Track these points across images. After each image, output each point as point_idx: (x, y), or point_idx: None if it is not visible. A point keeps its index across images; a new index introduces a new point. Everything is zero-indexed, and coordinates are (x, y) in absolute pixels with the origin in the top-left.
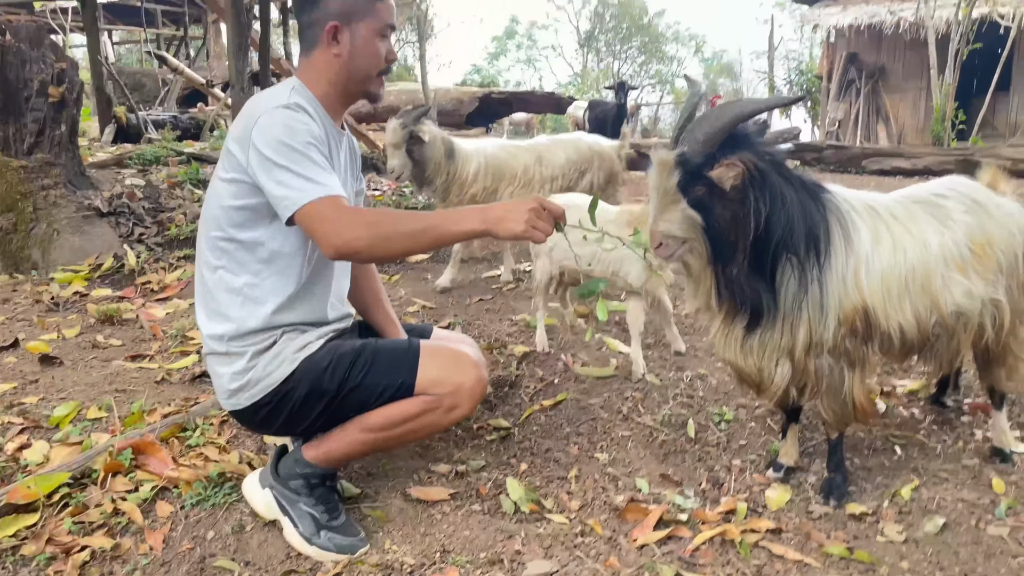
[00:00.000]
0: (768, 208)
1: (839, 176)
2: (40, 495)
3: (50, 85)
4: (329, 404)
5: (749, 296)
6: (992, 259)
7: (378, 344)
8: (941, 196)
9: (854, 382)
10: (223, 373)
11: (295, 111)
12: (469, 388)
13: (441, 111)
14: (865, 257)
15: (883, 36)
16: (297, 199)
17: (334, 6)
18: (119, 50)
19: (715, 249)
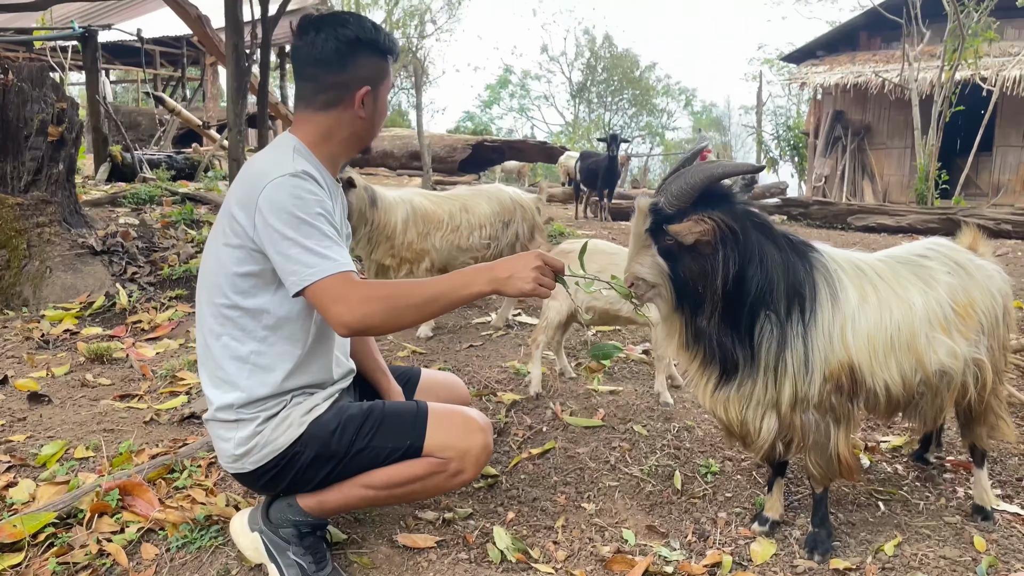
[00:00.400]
0: (738, 266)
1: (825, 232)
2: (25, 534)
3: (50, 124)
4: (336, 466)
5: (719, 348)
6: (974, 319)
7: (386, 407)
8: (924, 257)
9: (839, 438)
10: (229, 438)
11: (304, 180)
12: (475, 454)
13: (435, 157)
14: (852, 315)
15: (869, 95)
16: (307, 275)
17: (365, 72)
18: (116, 88)
19: (679, 297)
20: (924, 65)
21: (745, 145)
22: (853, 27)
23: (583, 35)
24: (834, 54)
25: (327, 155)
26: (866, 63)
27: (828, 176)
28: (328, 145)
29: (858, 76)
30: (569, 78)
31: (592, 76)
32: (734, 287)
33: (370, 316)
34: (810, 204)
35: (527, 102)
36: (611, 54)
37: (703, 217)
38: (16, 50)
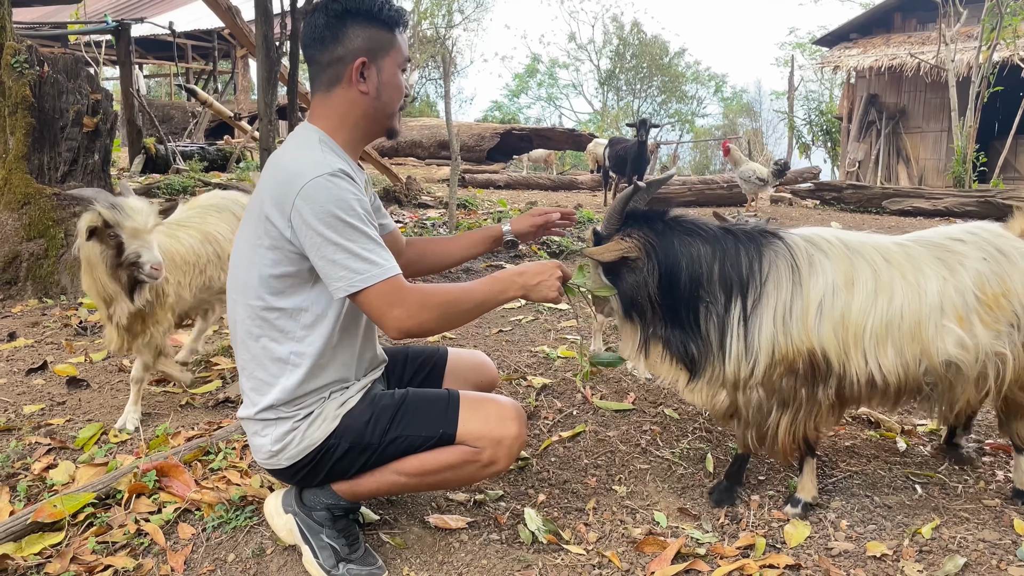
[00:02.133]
0: (663, 271)
1: (859, 216)
2: (65, 514)
3: (85, 115)
4: (370, 457)
5: (678, 347)
6: (1006, 310)
7: (418, 395)
8: (958, 241)
9: (781, 421)
10: (266, 435)
11: (342, 179)
12: (508, 444)
13: (463, 146)
14: (818, 299)
15: (903, 78)
16: (356, 281)
17: (359, 43)
18: (149, 83)
19: (625, 307)
20: (961, 46)
21: (777, 131)
22: (887, 8)
23: (611, 22)
24: (868, 36)
25: (347, 141)
26: (901, 45)
27: (862, 161)
28: (345, 130)
29: (893, 58)
30: (597, 66)
31: (620, 63)
32: (668, 290)
33: (427, 322)
34: (844, 188)
35: (555, 91)
36: (640, 41)
37: (623, 237)
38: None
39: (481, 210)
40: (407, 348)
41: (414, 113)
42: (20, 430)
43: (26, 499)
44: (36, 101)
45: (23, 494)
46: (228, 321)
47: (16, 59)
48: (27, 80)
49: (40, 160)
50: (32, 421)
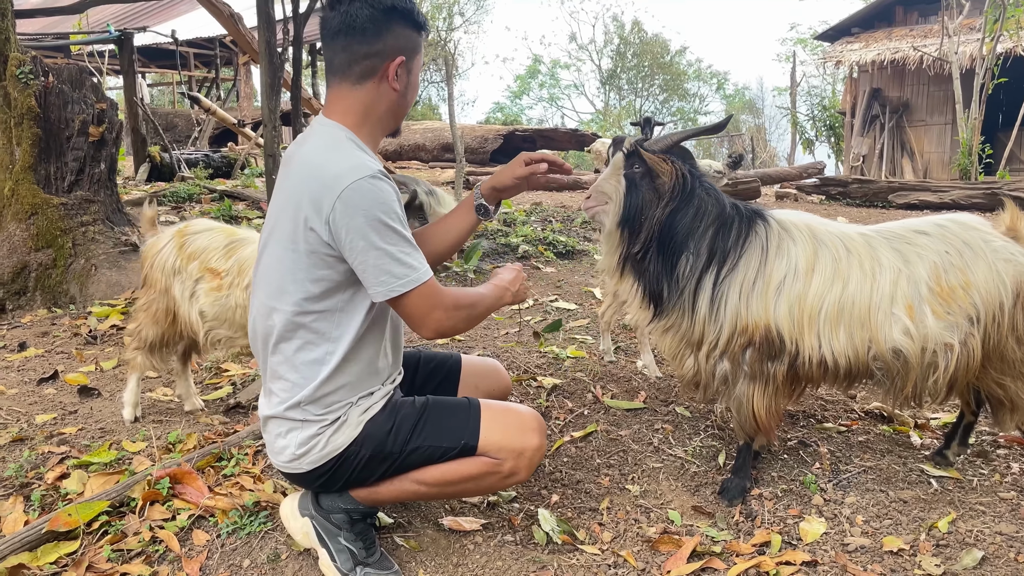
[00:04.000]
0: (676, 205)
1: (865, 210)
2: (80, 523)
3: (91, 125)
4: (391, 465)
5: (653, 281)
6: (964, 302)
7: (439, 404)
8: (922, 233)
9: (755, 395)
10: (290, 438)
11: (382, 181)
12: (529, 456)
13: (467, 148)
14: (779, 280)
15: (906, 71)
16: (397, 286)
17: (402, 41)
18: (153, 91)
19: (624, 216)
20: (964, 38)
21: (780, 127)
22: (889, 2)
23: (612, 22)
24: (869, 31)
25: (368, 136)
26: (903, 38)
27: (866, 155)
28: (368, 124)
29: (895, 52)
30: (599, 66)
31: (622, 63)
32: (669, 222)
33: (459, 323)
34: (849, 183)
35: (557, 91)
36: (640, 40)
37: (669, 159)
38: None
39: None
40: (419, 352)
41: (417, 116)
42: (33, 440)
43: (40, 508)
44: (42, 112)
45: (37, 503)
46: (254, 326)
47: (21, 70)
48: (32, 91)
49: (47, 170)
50: (45, 431)
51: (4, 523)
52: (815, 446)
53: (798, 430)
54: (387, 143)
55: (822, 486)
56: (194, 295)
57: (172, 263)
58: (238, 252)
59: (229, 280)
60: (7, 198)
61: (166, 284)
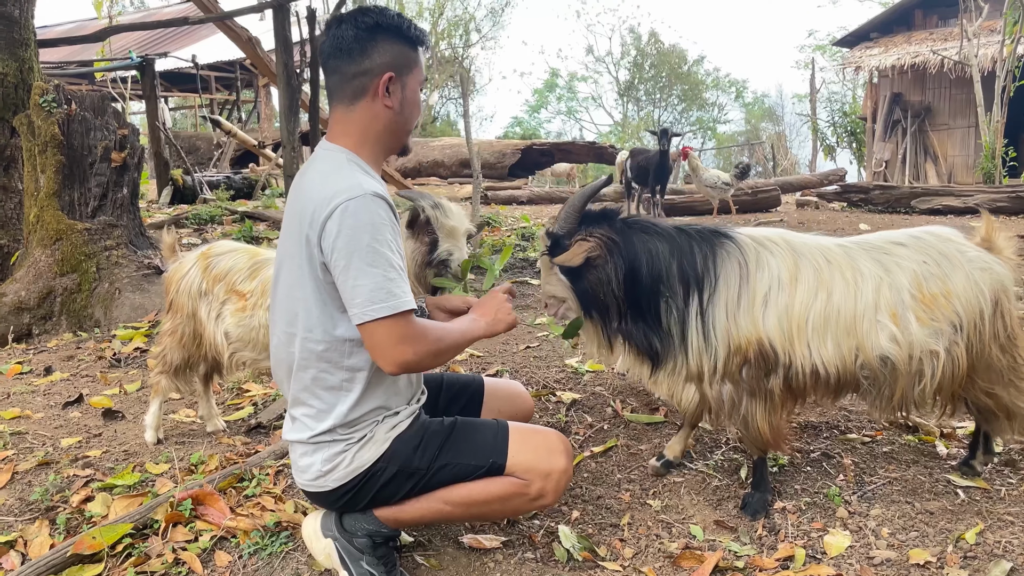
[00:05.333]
0: (626, 267)
1: (888, 216)
2: (104, 545)
3: (113, 151)
4: (417, 483)
5: (639, 341)
6: (946, 309)
7: (467, 424)
8: (899, 244)
9: (757, 411)
10: (316, 456)
11: (378, 202)
12: (556, 478)
13: (484, 164)
14: (764, 293)
15: (927, 75)
16: (372, 311)
17: (388, 57)
18: (174, 115)
19: (585, 306)
20: (984, 41)
21: (800, 134)
22: (908, 6)
23: (629, 34)
24: (889, 35)
25: (370, 156)
26: (923, 42)
27: (889, 160)
28: (368, 145)
29: (915, 56)
30: (616, 77)
31: (639, 74)
32: (630, 286)
33: (425, 359)
34: (871, 189)
35: (574, 104)
36: (658, 51)
37: (586, 236)
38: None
39: (504, 227)
40: (443, 376)
41: (435, 133)
42: (58, 463)
43: (66, 531)
44: (65, 139)
45: (63, 526)
46: (277, 355)
47: (44, 99)
48: (56, 119)
49: (71, 196)
50: (70, 454)
51: (30, 547)
52: (839, 458)
53: (821, 442)
54: (406, 160)
55: (846, 498)
56: (220, 316)
57: (198, 286)
58: (261, 273)
59: (253, 301)
60: (32, 225)
61: (192, 308)
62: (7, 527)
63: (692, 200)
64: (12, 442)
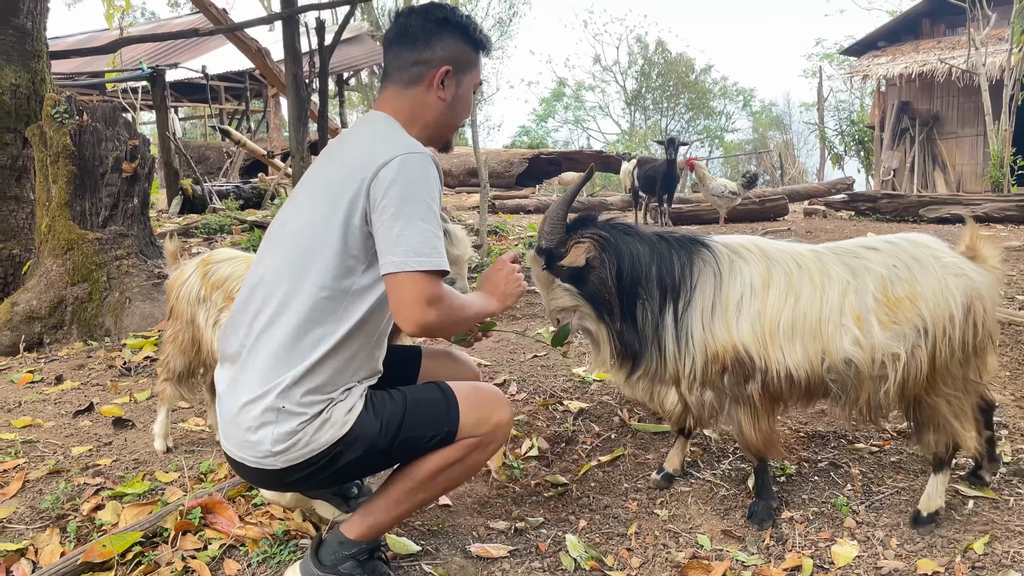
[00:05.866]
0: (616, 264)
1: (895, 225)
2: (114, 554)
3: (124, 161)
4: (376, 462)
5: (630, 342)
6: (911, 313)
7: (418, 398)
8: (871, 249)
9: (741, 418)
10: (268, 431)
11: (431, 161)
12: (504, 425)
13: (492, 173)
14: (737, 300)
15: (935, 84)
16: (411, 263)
17: (448, 52)
18: (184, 125)
19: (597, 308)
20: (991, 49)
21: (808, 142)
22: (915, 15)
23: (636, 43)
24: (896, 44)
25: (417, 138)
26: (930, 51)
27: (897, 169)
28: (416, 127)
29: (923, 65)
30: (623, 86)
31: (646, 83)
32: (619, 284)
33: (444, 325)
34: (879, 198)
35: (582, 113)
36: (665, 60)
37: (579, 238)
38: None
39: (512, 235)
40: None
41: None
42: (69, 471)
43: (76, 540)
44: (77, 149)
45: (73, 534)
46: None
47: (56, 110)
48: (68, 130)
49: (82, 206)
50: (80, 462)
51: (41, 555)
52: (847, 467)
53: (829, 451)
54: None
55: (854, 508)
56: (217, 323)
57: (197, 293)
58: None
59: None
60: (44, 234)
61: (191, 314)
62: (18, 535)
63: (699, 209)
64: (23, 450)
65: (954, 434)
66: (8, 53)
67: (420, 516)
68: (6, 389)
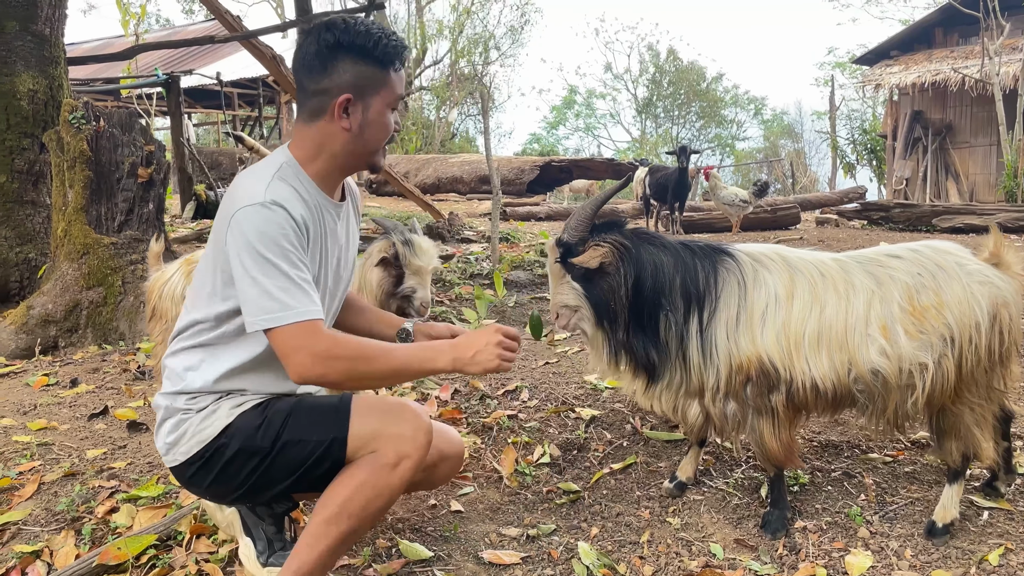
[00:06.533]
0: (635, 276)
1: (908, 235)
2: (129, 556)
3: (139, 166)
4: (261, 462)
5: (642, 354)
6: (937, 322)
7: (311, 399)
8: (895, 257)
9: (763, 429)
10: (164, 427)
11: (272, 210)
12: (411, 435)
13: (503, 180)
14: (762, 310)
15: (948, 93)
16: (262, 320)
17: (347, 78)
18: (198, 131)
19: (598, 314)
20: (1005, 59)
21: (820, 151)
22: (928, 24)
23: (647, 51)
24: (909, 53)
25: (320, 172)
26: (944, 60)
27: (909, 178)
28: (319, 161)
29: (936, 74)
30: (634, 94)
31: (658, 91)
32: (635, 295)
33: (329, 374)
34: (891, 207)
35: (593, 121)
36: (676, 68)
37: (599, 242)
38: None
39: (523, 242)
40: None
41: (454, 149)
42: (84, 474)
43: (91, 542)
44: (93, 155)
45: (88, 537)
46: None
47: (73, 115)
48: (84, 135)
49: (98, 211)
50: (95, 465)
51: (56, 557)
52: (860, 477)
53: (842, 461)
54: (425, 176)
55: (868, 518)
56: None
57: (180, 291)
58: None
59: None
60: (60, 239)
61: (176, 313)
62: (34, 537)
63: (711, 217)
64: (39, 453)
65: (974, 443)
66: (26, 59)
67: (432, 522)
68: (22, 392)
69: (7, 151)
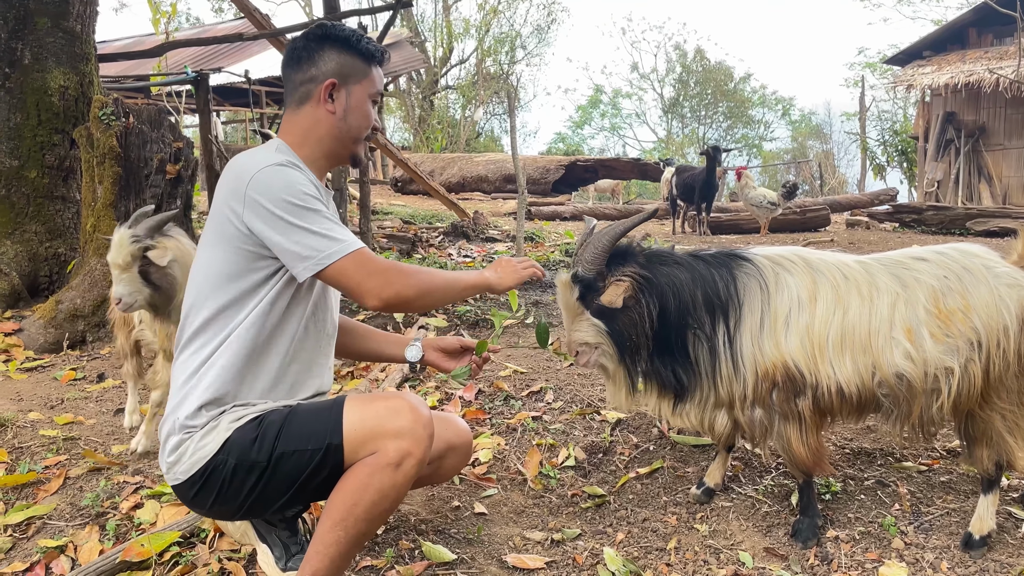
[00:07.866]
0: (658, 305)
1: (942, 238)
2: (152, 553)
3: (168, 163)
4: (260, 478)
5: (664, 378)
6: (964, 326)
7: (305, 407)
8: (920, 259)
9: (790, 434)
10: (166, 445)
11: (289, 168)
12: (410, 430)
13: (528, 179)
14: (785, 314)
15: (982, 94)
16: (322, 259)
17: (332, 65)
18: (226, 128)
19: (620, 349)
20: None
21: (849, 152)
22: (961, 24)
23: (674, 51)
24: (942, 53)
25: (309, 157)
26: (978, 61)
27: (941, 181)
28: (308, 145)
29: (969, 75)
30: (661, 94)
31: (684, 91)
32: (660, 323)
33: (406, 290)
34: (924, 210)
35: (618, 121)
36: (703, 68)
37: (620, 277)
38: (135, 96)
39: (548, 242)
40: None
41: (479, 148)
42: (109, 469)
43: (115, 538)
44: (122, 151)
45: (112, 533)
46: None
47: (103, 112)
48: (114, 132)
49: (126, 207)
50: (120, 460)
51: (80, 552)
52: (894, 486)
53: (875, 469)
54: (450, 175)
55: (902, 529)
56: None
57: None
58: None
59: None
60: (89, 234)
61: None
62: (58, 532)
63: (738, 218)
64: (65, 447)
65: (1007, 451)
66: (58, 55)
67: (455, 524)
68: (49, 386)
69: (38, 147)
